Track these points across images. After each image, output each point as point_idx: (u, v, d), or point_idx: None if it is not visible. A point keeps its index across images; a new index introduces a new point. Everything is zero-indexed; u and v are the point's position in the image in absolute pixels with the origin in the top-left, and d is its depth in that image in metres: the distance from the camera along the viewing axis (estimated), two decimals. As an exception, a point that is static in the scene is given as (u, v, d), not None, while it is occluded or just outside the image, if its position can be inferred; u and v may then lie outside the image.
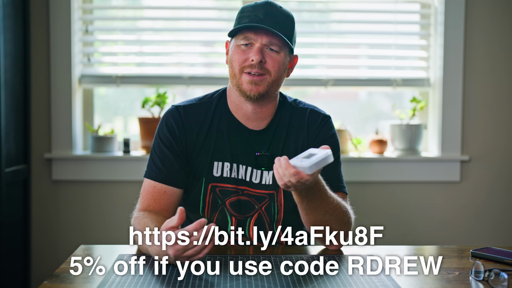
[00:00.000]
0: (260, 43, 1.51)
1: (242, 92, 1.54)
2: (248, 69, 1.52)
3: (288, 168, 1.29)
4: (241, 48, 1.53)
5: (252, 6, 1.55)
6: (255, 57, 1.50)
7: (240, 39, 1.53)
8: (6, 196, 2.33)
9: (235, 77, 1.54)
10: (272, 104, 1.61)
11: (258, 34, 1.51)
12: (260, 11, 1.52)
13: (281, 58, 1.54)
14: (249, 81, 1.52)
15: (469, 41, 2.69)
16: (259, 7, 1.54)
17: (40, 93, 2.62)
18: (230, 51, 1.57)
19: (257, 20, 1.51)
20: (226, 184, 1.58)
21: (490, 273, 1.22)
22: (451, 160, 2.69)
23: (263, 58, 1.51)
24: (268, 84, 1.53)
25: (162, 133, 1.60)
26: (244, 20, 1.53)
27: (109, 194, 2.65)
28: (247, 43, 1.52)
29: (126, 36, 2.76)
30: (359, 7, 2.80)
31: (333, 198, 1.45)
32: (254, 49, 1.51)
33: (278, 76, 1.54)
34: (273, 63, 1.52)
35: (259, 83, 1.52)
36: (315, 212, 1.42)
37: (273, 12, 1.53)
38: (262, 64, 1.52)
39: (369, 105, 3.04)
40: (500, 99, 2.72)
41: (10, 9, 2.38)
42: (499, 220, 2.74)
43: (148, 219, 1.47)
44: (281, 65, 1.54)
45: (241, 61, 1.53)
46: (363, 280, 1.23)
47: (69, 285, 1.20)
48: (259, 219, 1.60)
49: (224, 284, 1.20)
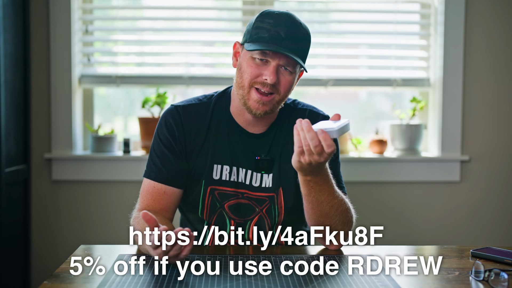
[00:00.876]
0: (277, 63, 1.48)
1: (247, 107, 1.52)
2: (259, 86, 1.49)
3: (310, 131, 1.27)
4: (256, 62, 1.49)
5: (274, 17, 1.49)
6: (270, 77, 1.47)
7: (256, 52, 1.49)
8: (6, 196, 2.33)
9: (243, 89, 1.52)
10: (275, 113, 1.61)
11: (276, 55, 1.48)
12: (282, 28, 1.47)
13: (292, 78, 1.52)
14: (257, 100, 1.50)
15: (469, 41, 2.69)
16: (281, 22, 1.48)
17: (40, 93, 2.62)
18: (242, 58, 1.53)
19: (277, 38, 1.46)
20: (225, 187, 1.58)
21: (490, 273, 1.22)
22: (451, 160, 2.69)
23: (277, 79, 1.49)
24: (275, 104, 1.53)
25: (162, 133, 1.59)
26: (263, 33, 1.48)
27: (109, 194, 2.65)
28: (263, 58, 1.48)
29: (126, 36, 2.76)
30: (359, 7, 2.80)
31: (338, 193, 1.46)
32: (270, 68, 1.48)
33: (286, 95, 1.54)
34: (284, 84, 1.51)
35: (267, 103, 1.50)
36: (321, 206, 1.43)
37: (294, 31, 1.48)
38: (275, 84, 1.50)
39: (369, 105, 3.04)
40: (500, 99, 2.72)
41: (10, 9, 2.38)
42: (499, 220, 2.74)
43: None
44: (291, 85, 1.53)
45: (254, 76, 1.49)
46: (363, 280, 1.23)
47: (69, 285, 1.20)
48: (260, 222, 1.60)
49: (224, 284, 1.20)
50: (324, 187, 1.41)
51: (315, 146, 1.29)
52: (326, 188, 1.41)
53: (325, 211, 1.44)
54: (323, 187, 1.41)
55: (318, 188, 1.40)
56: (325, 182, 1.40)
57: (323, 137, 1.27)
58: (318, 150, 1.29)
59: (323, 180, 1.40)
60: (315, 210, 1.44)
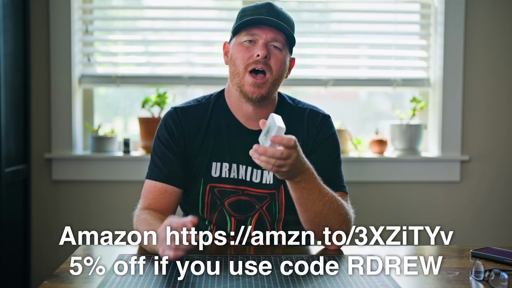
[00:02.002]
0: (265, 39, 1.51)
1: (243, 93, 1.54)
2: (252, 65, 1.51)
3: (266, 152, 1.27)
4: (245, 45, 1.53)
5: (254, 6, 1.56)
6: (261, 52, 1.50)
7: (243, 35, 1.53)
8: (6, 196, 2.33)
9: (238, 75, 1.54)
10: (272, 104, 1.62)
11: (263, 30, 1.51)
12: (263, 10, 1.53)
13: (283, 56, 1.54)
14: (252, 84, 1.51)
15: (469, 41, 2.69)
16: (261, 7, 1.55)
17: (40, 93, 2.62)
18: (232, 49, 1.56)
19: (261, 16, 1.52)
20: (225, 185, 1.59)
21: (490, 273, 1.22)
22: (451, 160, 2.69)
23: (268, 53, 1.52)
24: (270, 85, 1.53)
25: (162, 135, 1.61)
26: (246, 17, 1.53)
27: (109, 194, 2.65)
28: (251, 39, 1.52)
29: (126, 36, 2.76)
30: (359, 7, 2.80)
31: (328, 189, 1.46)
32: (259, 44, 1.51)
33: (279, 75, 1.54)
34: (275, 61, 1.53)
35: (262, 85, 1.52)
36: (314, 205, 1.43)
37: (275, 12, 1.54)
38: (267, 60, 1.51)
39: (369, 105, 3.04)
40: (500, 99, 2.72)
41: (10, 9, 2.38)
42: (499, 220, 2.74)
43: (149, 216, 1.48)
44: (282, 63, 1.54)
45: (246, 58, 1.52)
46: (363, 280, 1.23)
47: (69, 285, 1.20)
48: (260, 219, 1.60)
49: (224, 284, 1.20)
50: (313, 185, 1.41)
51: (278, 156, 1.28)
52: (315, 185, 1.42)
53: (319, 211, 1.44)
54: (312, 185, 1.41)
55: (308, 187, 1.41)
56: (313, 179, 1.41)
57: (278, 141, 1.27)
58: (284, 155, 1.29)
59: (311, 176, 1.40)
60: (309, 211, 1.44)
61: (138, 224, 1.49)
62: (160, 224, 1.35)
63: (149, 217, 1.48)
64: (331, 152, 1.61)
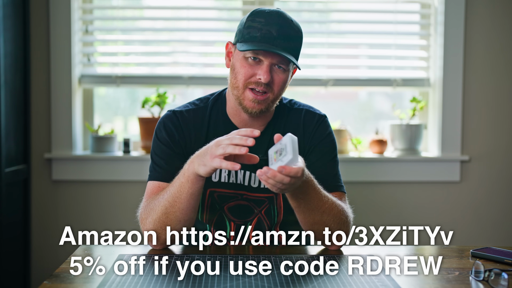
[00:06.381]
0: (270, 61, 1.48)
1: (242, 106, 1.53)
2: (253, 86, 1.50)
3: (275, 176, 1.25)
4: (249, 62, 1.50)
5: (265, 16, 1.49)
6: (264, 77, 1.47)
7: (249, 52, 1.49)
8: (6, 196, 2.33)
9: (237, 89, 1.52)
10: (271, 112, 1.61)
11: (268, 54, 1.48)
12: (273, 26, 1.47)
13: (286, 76, 1.52)
14: (252, 99, 1.50)
15: (469, 41, 2.69)
16: (272, 20, 1.48)
17: (40, 93, 2.62)
18: (235, 59, 1.53)
19: (269, 37, 1.47)
20: (224, 189, 1.58)
21: (490, 273, 1.22)
22: (451, 160, 2.69)
23: (271, 77, 1.49)
24: (270, 102, 1.53)
25: (162, 137, 1.59)
26: (255, 33, 1.48)
27: (109, 194, 2.65)
28: (255, 57, 1.49)
29: (126, 36, 2.76)
30: (359, 7, 2.80)
31: (328, 196, 1.45)
32: (264, 67, 1.48)
33: (280, 93, 1.54)
34: (278, 82, 1.51)
35: (262, 102, 1.51)
36: (313, 213, 1.42)
37: (285, 30, 1.49)
38: (269, 83, 1.50)
39: (369, 105, 3.04)
40: (500, 99, 2.72)
41: (10, 9, 2.38)
42: (499, 220, 2.74)
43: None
44: (285, 83, 1.53)
45: (247, 76, 1.50)
46: (363, 280, 1.23)
47: (69, 285, 1.20)
48: (259, 223, 1.59)
49: (224, 284, 1.20)
50: (312, 195, 1.40)
51: (286, 182, 1.27)
52: (313, 195, 1.40)
53: (318, 218, 1.43)
54: (311, 195, 1.40)
55: (307, 198, 1.39)
56: (312, 189, 1.39)
57: (286, 173, 1.25)
58: (291, 182, 1.28)
59: (309, 188, 1.38)
60: (308, 219, 1.44)
61: (149, 207, 1.46)
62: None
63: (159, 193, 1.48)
64: (328, 152, 1.61)
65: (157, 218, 1.44)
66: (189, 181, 1.38)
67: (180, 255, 1.41)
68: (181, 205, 1.41)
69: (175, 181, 1.43)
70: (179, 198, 1.41)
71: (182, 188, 1.40)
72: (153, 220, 1.44)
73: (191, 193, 1.40)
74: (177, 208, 1.41)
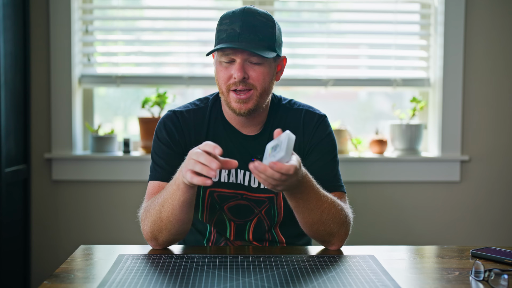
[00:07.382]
0: (241, 58, 1.48)
1: (231, 109, 1.53)
2: (233, 87, 1.49)
3: (266, 170, 1.24)
4: (223, 65, 1.50)
5: (230, 16, 1.50)
6: (237, 74, 1.47)
7: (220, 55, 1.50)
8: (6, 196, 2.33)
9: (223, 94, 1.53)
10: (264, 110, 1.60)
11: (236, 51, 1.47)
12: (236, 23, 1.47)
13: (264, 69, 1.50)
14: (237, 100, 1.50)
15: (469, 41, 2.69)
16: (236, 18, 1.48)
17: (40, 93, 2.62)
18: (215, 65, 1.54)
19: (233, 35, 1.47)
20: (224, 189, 1.58)
21: (490, 273, 1.22)
22: (451, 160, 2.69)
23: (246, 73, 1.48)
24: (256, 99, 1.51)
25: (162, 136, 1.59)
26: (222, 35, 1.49)
27: (109, 194, 2.65)
28: (228, 60, 1.49)
29: (126, 36, 2.76)
30: (359, 7, 2.80)
31: (327, 196, 1.44)
32: (236, 65, 1.48)
33: (264, 87, 1.51)
34: (257, 77, 1.49)
35: (247, 100, 1.50)
36: (312, 213, 1.42)
37: (249, 22, 1.47)
38: (246, 80, 1.49)
39: (369, 105, 3.04)
40: (500, 99, 2.72)
41: (10, 9, 2.38)
42: (499, 220, 2.74)
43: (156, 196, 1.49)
44: (266, 75, 1.50)
45: (226, 79, 1.50)
46: (363, 280, 1.23)
47: (69, 285, 1.20)
48: (259, 223, 1.60)
49: (224, 284, 1.20)
50: (310, 195, 1.39)
51: (278, 179, 1.26)
52: (312, 195, 1.40)
53: (317, 218, 1.43)
54: (309, 195, 1.39)
55: (305, 197, 1.39)
56: (311, 189, 1.39)
57: (277, 169, 1.24)
58: (282, 178, 1.26)
59: (308, 188, 1.38)
60: (307, 219, 1.44)
61: (147, 209, 1.47)
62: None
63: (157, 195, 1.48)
64: (328, 152, 1.60)
65: (153, 221, 1.44)
66: (180, 189, 1.37)
67: (180, 255, 1.41)
68: (174, 211, 1.41)
69: (168, 187, 1.42)
70: (172, 204, 1.40)
71: (174, 195, 1.39)
72: (149, 222, 1.45)
73: (182, 201, 1.39)
74: (170, 213, 1.41)
